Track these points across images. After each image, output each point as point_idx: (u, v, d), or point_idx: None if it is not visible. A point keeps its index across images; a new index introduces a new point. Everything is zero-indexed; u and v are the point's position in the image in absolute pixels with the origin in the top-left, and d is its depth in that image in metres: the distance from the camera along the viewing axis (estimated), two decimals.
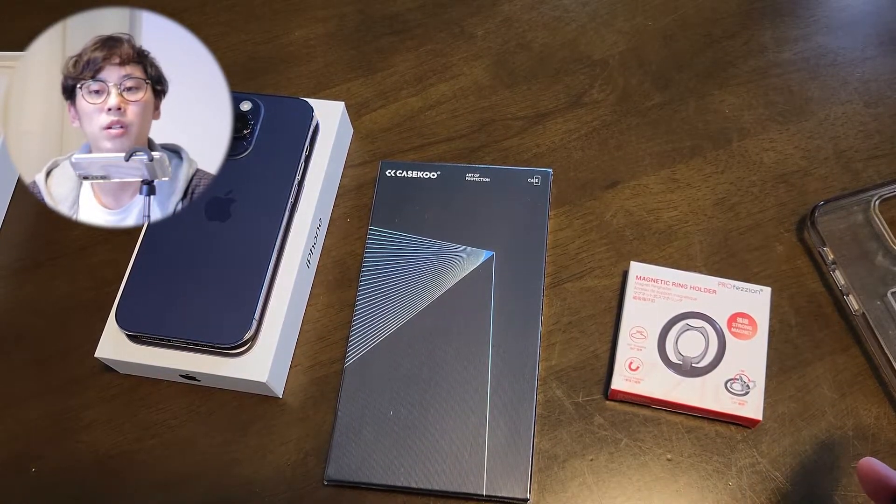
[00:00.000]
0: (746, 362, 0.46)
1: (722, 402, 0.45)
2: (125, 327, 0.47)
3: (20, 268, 0.55)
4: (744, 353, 0.46)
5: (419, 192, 0.53)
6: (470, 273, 0.50)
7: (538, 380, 0.47)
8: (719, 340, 0.47)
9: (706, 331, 0.47)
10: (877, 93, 0.57)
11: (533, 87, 0.60)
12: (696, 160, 0.55)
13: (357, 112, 0.60)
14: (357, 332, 0.49)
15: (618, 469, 0.46)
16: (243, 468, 0.47)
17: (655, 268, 0.49)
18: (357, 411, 0.47)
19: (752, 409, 0.45)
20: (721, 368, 0.46)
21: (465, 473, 0.45)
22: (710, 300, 0.48)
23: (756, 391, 0.45)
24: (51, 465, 0.48)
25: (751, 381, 0.46)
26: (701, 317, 0.47)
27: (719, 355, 0.46)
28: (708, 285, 0.48)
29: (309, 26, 0.64)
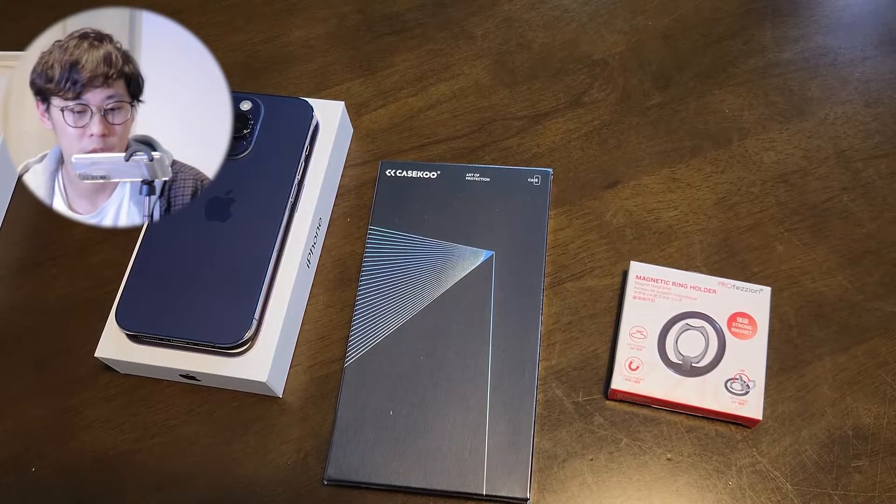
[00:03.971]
0: (746, 362, 0.46)
1: (722, 401, 0.45)
2: (125, 327, 0.47)
3: (20, 268, 0.55)
4: (744, 352, 0.46)
5: (419, 192, 0.53)
6: (470, 273, 0.50)
7: (538, 380, 0.47)
8: (719, 340, 0.47)
9: (706, 330, 0.47)
10: (877, 92, 0.57)
11: (533, 87, 0.60)
12: (696, 160, 0.55)
13: (357, 112, 0.60)
14: (357, 331, 0.49)
15: (618, 469, 0.46)
16: (243, 468, 0.47)
17: (655, 267, 0.49)
18: (357, 411, 0.47)
19: (752, 409, 0.45)
20: (721, 368, 0.46)
21: (465, 473, 0.45)
22: (710, 300, 0.48)
23: (756, 391, 0.45)
24: (51, 465, 0.48)
25: (751, 380, 0.46)
26: (701, 316, 0.47)
27: (719, 355, 0.46)
28: (708, 285, 0.48)
29: (309, 26, 0.64)
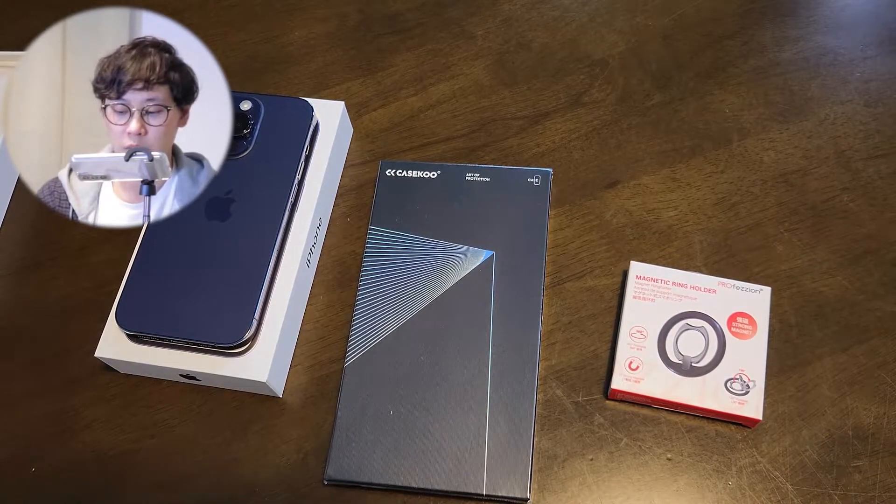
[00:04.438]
0: (746, 362, 0.46)
1: (722, 401, 0.45)
2: (125, 327, 0.47)
3: (20, 268, 0.55)
4: (744, 352, 0.46)
5: (419, 192, 0.53)
6: (470, 273, 0.50)
7: (538, 379, 0.47)
8: (719, 340, 0.47)
9: (706, 330, 0.47)
10: (877, 92, 0.57)
11: (533, 87, 0.60)
12: (696, 160, 0.55)
13: (357, 112, 0.60)
14: (357, 331, 0.49)
15: (618, 469, 0.46)
16: (243, 468, 0.47)
17: (655, 267, 0.49)
18: (357, 411, 0.47)
19: (752, 409, 0.45)
20: (721, 368, 0.46)
21: (465, 473, 0.45)
22: (710, 300, 0.48)
23: (756, 391, 0.45)
24: (51, 465, 0.48)
25: (751, 380, 0.46)
26: (701, 316, 0.47)
27: (719, 355, 0.46)
28: (708, 285, 0.48)
29: (309, 26, 0.64)
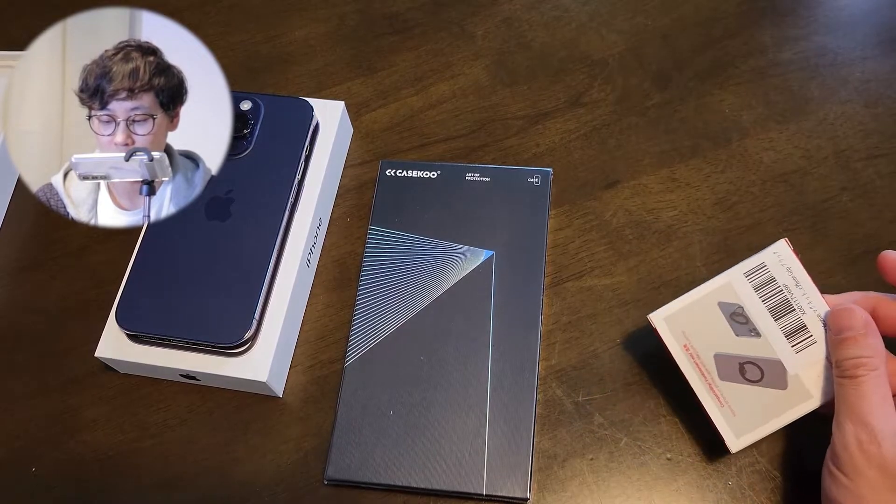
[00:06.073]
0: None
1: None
2: (125, 327, 0.47)
3: (20, 268, 0.55)
4: None
5: (419, 192, 0.53)
6: (470, 273, 0.50)
7: (538, 379, 0.47)
8: None
9: None
10: (876, 93, 0.57)
11: (533, 87, 0.60)
12: (695, 160, 0.55)
13: (357, 112, 0.60)
14: (357, 331, 0.49)
15: (618, 468, 0.46)
16: (243, 467, 0.47)
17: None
18: (357, 411, 0.47)
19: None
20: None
21: (465, 473, 0.45)
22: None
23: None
24: (51, 465, 0.48)
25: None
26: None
27: None
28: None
29: (309, 26, 0.64)
